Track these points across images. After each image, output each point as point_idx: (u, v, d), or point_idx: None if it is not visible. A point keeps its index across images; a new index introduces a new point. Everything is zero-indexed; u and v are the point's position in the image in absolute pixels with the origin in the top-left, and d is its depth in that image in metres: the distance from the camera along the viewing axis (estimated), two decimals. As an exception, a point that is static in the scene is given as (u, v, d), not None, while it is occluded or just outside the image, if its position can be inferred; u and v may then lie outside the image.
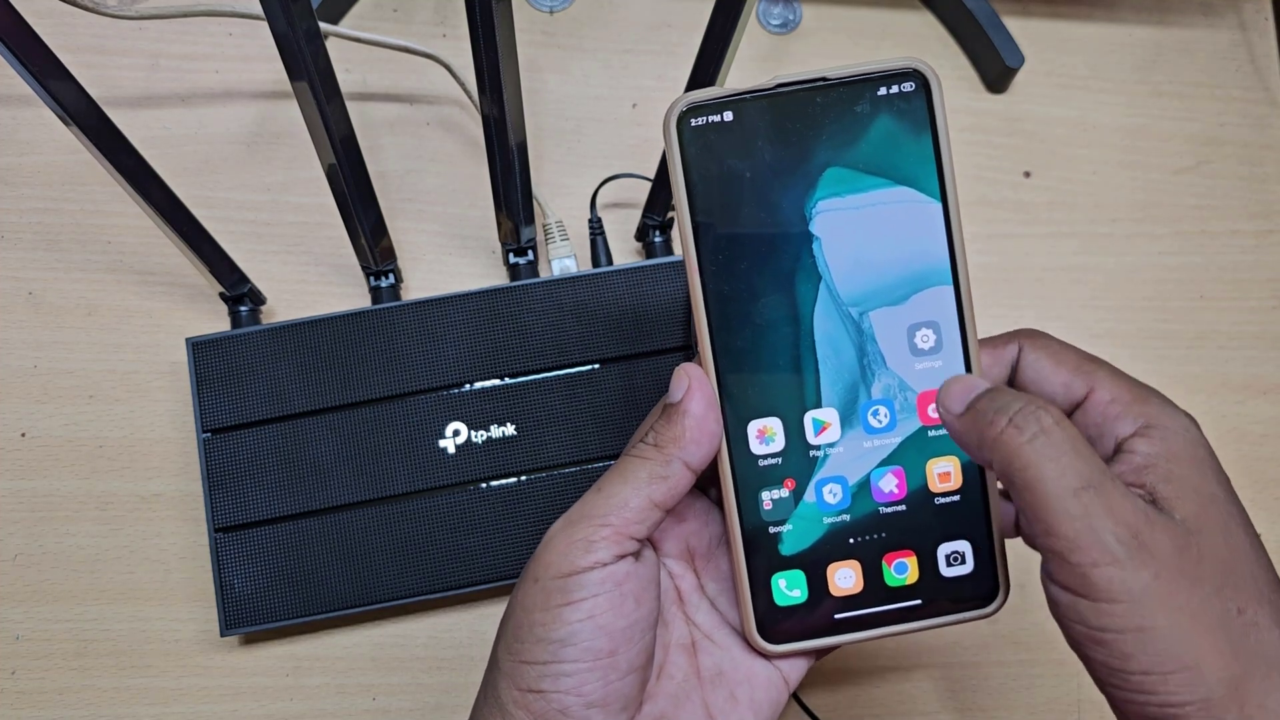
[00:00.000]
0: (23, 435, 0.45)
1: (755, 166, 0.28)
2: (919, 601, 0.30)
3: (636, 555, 0.28)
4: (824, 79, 0.28)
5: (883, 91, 0.28)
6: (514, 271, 0.45)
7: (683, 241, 0.29)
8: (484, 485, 0.42)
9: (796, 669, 0.30)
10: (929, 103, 0.28)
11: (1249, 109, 0.52)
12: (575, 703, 0.27)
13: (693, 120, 0.28)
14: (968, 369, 0.29)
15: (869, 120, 0.28)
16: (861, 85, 0.28)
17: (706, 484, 0.33)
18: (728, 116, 0.28)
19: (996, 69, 0.51)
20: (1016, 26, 0.52)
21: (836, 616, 0.30)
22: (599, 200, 0.47)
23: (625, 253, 0.48)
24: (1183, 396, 0.48)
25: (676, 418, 0.28)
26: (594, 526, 0.27)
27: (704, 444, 0.28)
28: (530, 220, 0.44)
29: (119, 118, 0.36)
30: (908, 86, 0.28)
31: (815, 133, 0.28)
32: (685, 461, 0.28)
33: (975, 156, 0.51)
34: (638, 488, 0.28)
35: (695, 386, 0.28)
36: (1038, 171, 0.51)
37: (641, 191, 0.48)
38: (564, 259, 0.46)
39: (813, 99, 0.28)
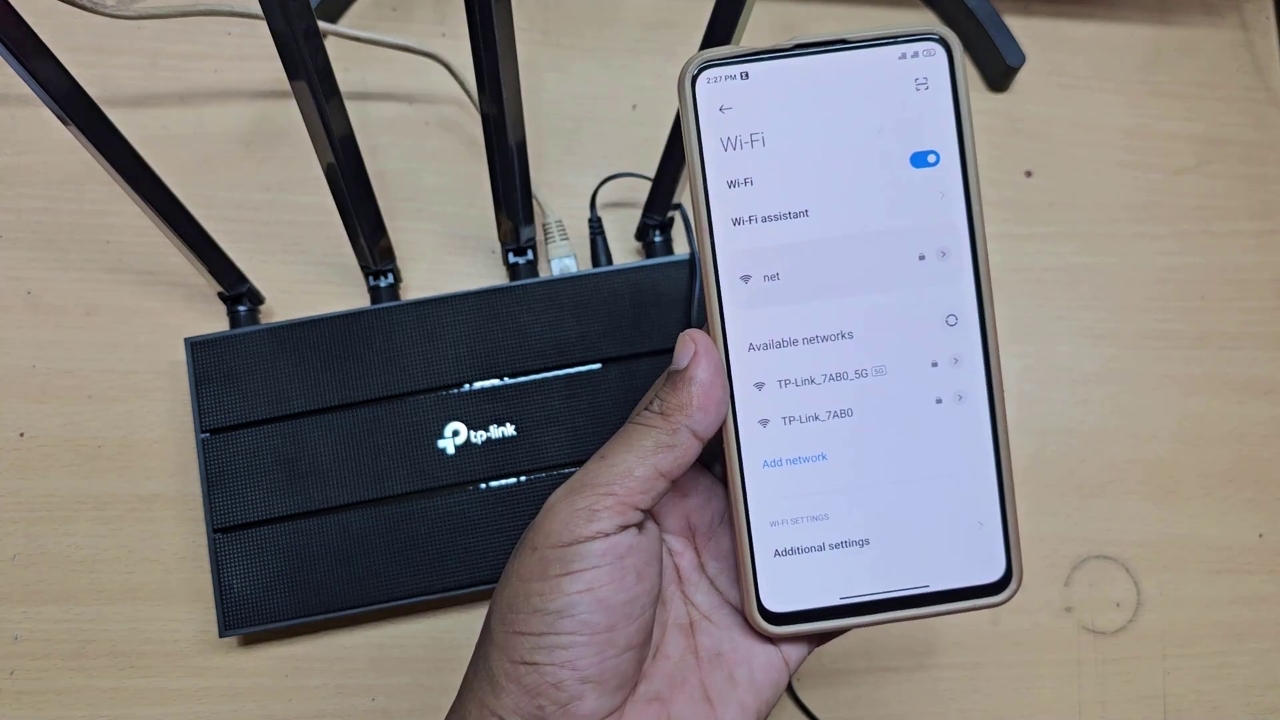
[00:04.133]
0: (21, 435, 0.44)
1: (771, 128, 0.28)
2: (928, 587, 0.29)
3: (640, 527, 0.27)
4: (844, 40, 0.27)
5: (904, 56, 0.27)
6: (513, 271, 0.45)
7: (694, 202, 0.28)
8: (483, 486, 0.42)
9: (797, 652, 0.30)
10: (951, 69, 0.27)
11: (1251, 109, 0.52)
12: (569, 676, 0.26)
13: (708, 78, 0.27)
14: (984, 347, 0.28)
15: (889, 84, 0.28)
16: (883, 48, 0.27)
17: (710, 459, 0.32)
18: (744, 76, 0.27)
19: (998, 68, 0.50)
20: (1018, 25, 0.51)
21: (842, 600, 0.29)
22: (599, 200, 0.47)
23: (625, 252, 0.48)
24: (1183, 397, 0.48)
25: (683, 384, 0.27)
26: (597, 495, 0.26)
27: (711, 411, 0.27)
28: (530, 220, 0.43)
29: (117, 117, 0.36)
30: (930, 51, 0.27)
31: (833, 95, 0.27)
32: (693, 430, 0.27)
33: (977, 156, 0.50)
34: (643, 456, 0.27)
35: (702, 352, 0.27)
36: (1039, 171, 0.51)
37: (641, 191, 0.48)
38: (564, 259, 0.46)
39: (832, 61, 0.27)
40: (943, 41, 0.27)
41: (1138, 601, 0.46)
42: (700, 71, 0.27)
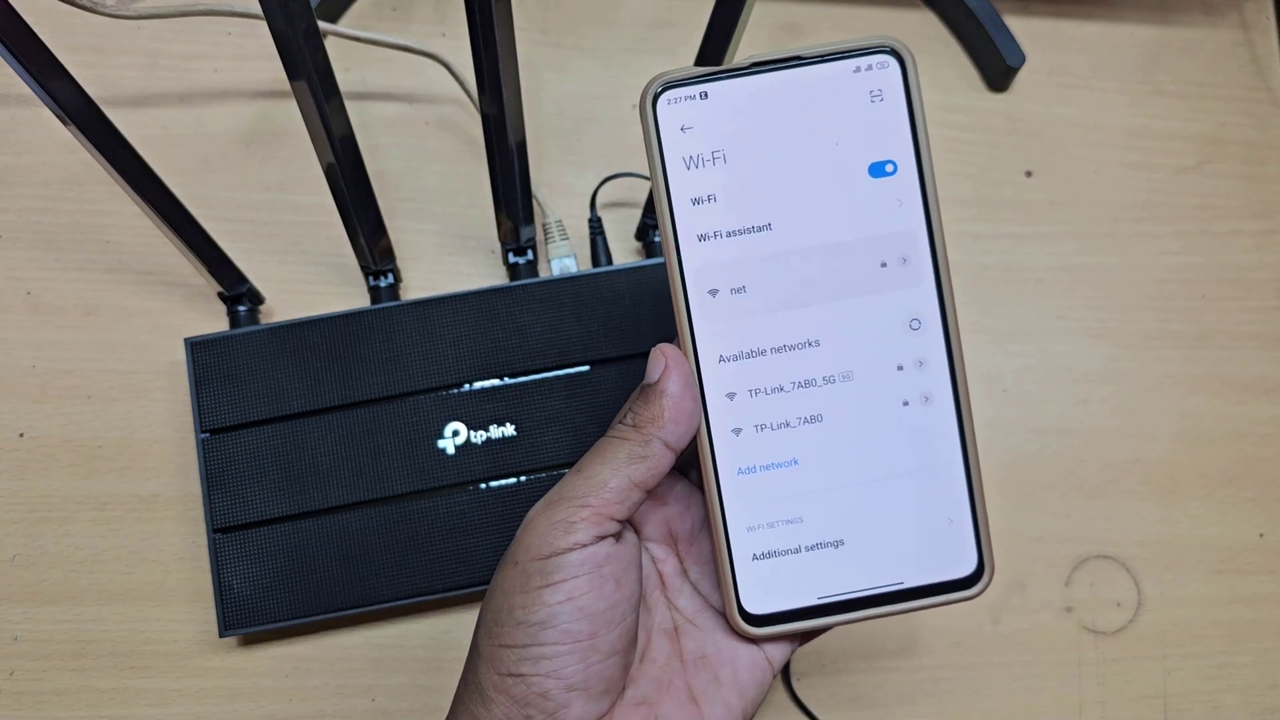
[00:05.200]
0: (21, 435, 0.44)
1: (731, 145, 0.28)
2: (902, 583, 0.29)
3: (617, 537, 0.28)
4: (799, 57, 0.28)
5: (858, 69, 0.28)
6: (513, 271, 0.45)
7: (659, 221, 0.29)
8: (483, 486, 0.42)
9: (780, 651, 0.30)
10: (905, 80, 0.28)
11: (1251, 108, 0.52)
12: (555, 685, 0.26)
13: (668, 99, 0.28)
14: (948, 349, 0.29)
15: (845, 97, 0.28)
16: (836, 63, 0.28)
17: (687, 467, 0.33)
18: (704, 96, 0.28)
19: (998, 68, 0.50)
20: (1018, 25, 0.51)
21: (820, 599, 0.29)
22: (599, 200, 0.47)
23: (625, 252, 0.48)
24: (1184, 397, 0.48)
25: (654, 397, 0.28)
26: (573, 508, 0.27)
27: (682, 423, 0.28)
28: (530, 220, 0.43)
29: (117, 117, 0.36)
30: (883, 63, 0.28)
31: (791, 111, 0.28)
32: (664, 441, 0.28)
33: (976, 156, 0.50)
34: (617, 468, 0.28)
35: (672, 366, 0.28)
36: (1039, 171, 0.51)
37: (641, 191, 0.48)
38: (564, 258, 0.46)
39: (788, 77, 0.28)
40: (895, 53, 0.28)
41: (1138, 601, 0.46)
42: (660, 93, 0.28)
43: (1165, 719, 0.45)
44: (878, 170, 0.28)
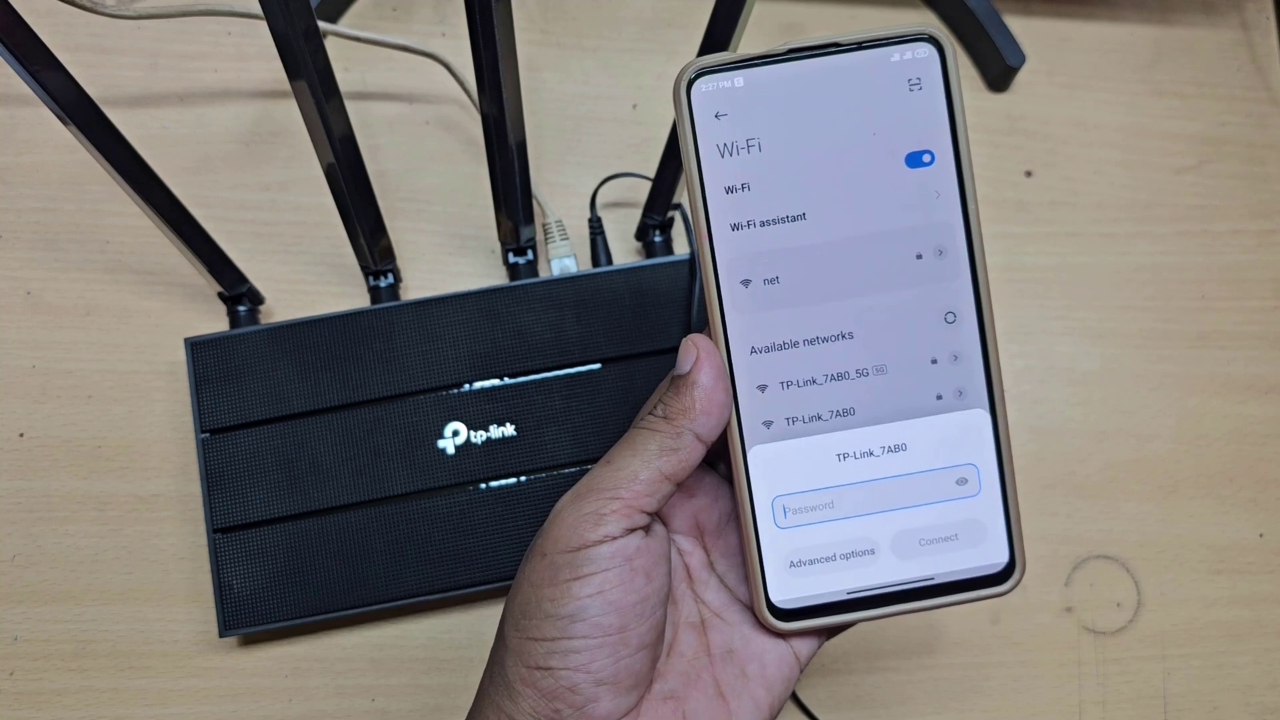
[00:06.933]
0: (21, 435, 0.44)
1: (766, 132, 0.28)
2: (933, 579, 0.29)
3: (647, 529, 0.28)
4: (837, 44, 0.27)
5: (896, 57, 0.28)
6: (513, 271, 0.45)
7: (692, 210, 0.28)
8: (483, 486, 0.42)
9: (808, 646, 0.30)
10: (944, 68, 0.28)
11: (1251, 108, 0.52)
12: (584, 680, 0.26)
13: (703, 85, 0.28)
14: (983, 343, 0.28)
15: (882, 86, 0.28)
16: (875, 50, 0.28)
17: (715, 459, 0.32)
18: (739, 82, 0.28)
19: (998, 68, 0.50)
20: (1018, 25, 0.51)
21: (849, 594, 0.29)
22: (599, 200, 0.47)
23: (625, 252, 0.48)
24: (1183, 397, 0.48)
25: (686, 389, 0.28)
26: (603, 500, 0.27)
27: (714, 414, 0.28)
28: (530, 220, 0.43)
29: (117, 117, 0.36)
30: (922, 52, 0.28)
31: (827, 98, 0.28)
32: (696, 433, 0.27)
33: (976, 156, 0.50)
34: (648, 460, 0.27)
35: (704, 357, 0.28)
36: (1039, 171, 0.51)
37: (641, 191, 0.48)
38: (564, 259, 0.46)
39: (825, 64, 0.28)
40: (934, 41, 0.28)
41: (1138, 601, 0.46)
42: (695, 79, 0.28)
43: (1165, 719, 0.45)
44: (915, 160, 0.28)
